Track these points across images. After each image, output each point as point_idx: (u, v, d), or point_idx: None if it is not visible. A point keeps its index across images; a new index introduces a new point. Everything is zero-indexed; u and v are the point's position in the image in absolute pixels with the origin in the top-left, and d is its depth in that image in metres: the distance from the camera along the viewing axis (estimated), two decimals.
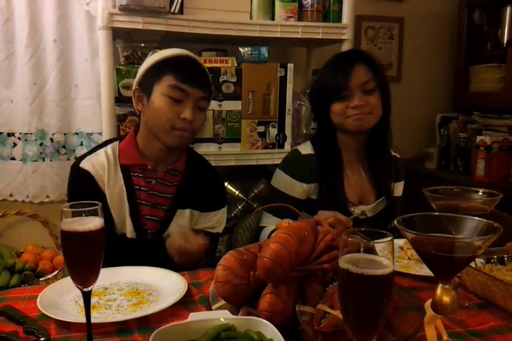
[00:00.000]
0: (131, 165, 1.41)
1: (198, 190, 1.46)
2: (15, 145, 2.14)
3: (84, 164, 1.39)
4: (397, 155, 1.72)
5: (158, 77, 1.36)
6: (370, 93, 1.51)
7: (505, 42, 2.47)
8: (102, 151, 1.42)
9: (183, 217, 1.44)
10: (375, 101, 1.51)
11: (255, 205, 2.06)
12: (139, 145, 1.43)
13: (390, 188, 1.65)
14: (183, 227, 1.43)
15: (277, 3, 1.94)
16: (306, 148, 1.62)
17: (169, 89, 1.34)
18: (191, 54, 1.43)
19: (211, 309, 0.96)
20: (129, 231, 1.39)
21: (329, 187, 1.55)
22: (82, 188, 1.39)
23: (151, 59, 1.41)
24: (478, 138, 2.41)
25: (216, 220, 1.52)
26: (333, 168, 1.56)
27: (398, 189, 1.71)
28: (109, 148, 1.43)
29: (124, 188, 1.39)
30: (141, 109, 1.42)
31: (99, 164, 1.39)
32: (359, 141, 1.60)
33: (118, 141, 1.46)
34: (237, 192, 2.07)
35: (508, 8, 2.47)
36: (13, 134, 2.13)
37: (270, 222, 1.57)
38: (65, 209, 0.81)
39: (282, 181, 1.60)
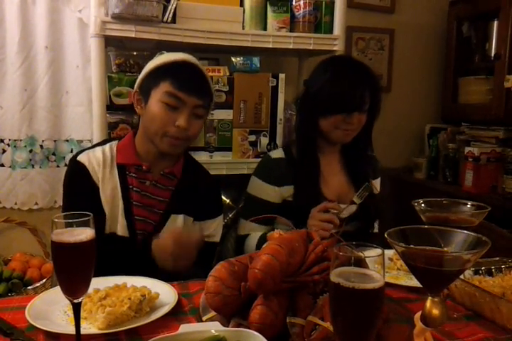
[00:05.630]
0: (126, 165, 1.42)
1: (194, 196, 1.46)
2: (4, 151, 2.12)
3: (81, 157, 1.41)
4: (373, 154, 1.76)
5: (155, 83, 1.36)
6: (364, 112, 1.55)
7: (492, 55, 2.51)
8: (99, 148, 1.44)
9: (176, 222, 1.44)
10: (364, 119, 1.56)
11: None
12: (136, 146, 1.44)
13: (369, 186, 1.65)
14: (174, 230, 1.38)
15: (269, 14, 1.96)
16: (276, 153, 1.65)
17: (165, 95, 1.34)
18: (192, 60, 1.41)
19: (202, 320, 0.96)
20: (120, 229, 1.39)
21: (305, 188, 1.56)
22: (78, 181, 1.41)
23: (152, 63, 1.41)
24: (467, 149, 2.44)
25: (214, 228, 1.52)
26: (308, 170, 1.58)
27: (376, 185, 1.74)
28: (107, 146, 1.45)
29: (119, 186, 1.40)
30: (139, 112, 1.43)
31: (96, 159, 1.41)
32: (337, 147, 1.66)
33: (117, 141, 1.48)
34: (227, 201, 2.06)
35: (496, 22, 2.51)
36: (2, 140, 2.11)
37: (251, 229, 1.59)
38: (57, 219, 0.81)
39: (255, 186, 1.62)
